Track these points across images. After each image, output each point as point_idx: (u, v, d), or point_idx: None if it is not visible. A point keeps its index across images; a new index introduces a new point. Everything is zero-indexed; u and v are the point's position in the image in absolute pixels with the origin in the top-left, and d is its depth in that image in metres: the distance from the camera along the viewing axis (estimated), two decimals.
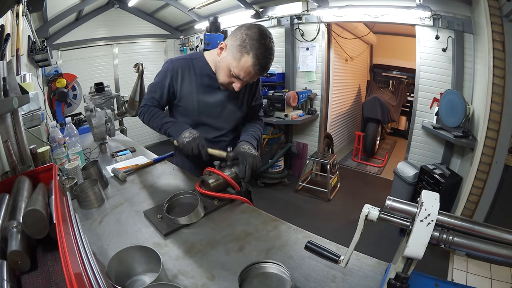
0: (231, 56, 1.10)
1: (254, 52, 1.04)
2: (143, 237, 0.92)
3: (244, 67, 1.08)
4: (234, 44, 1.08)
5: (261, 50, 1.04)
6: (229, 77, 1.15)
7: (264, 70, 1.09)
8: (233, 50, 1.08)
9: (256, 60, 1.05)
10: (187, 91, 1.25)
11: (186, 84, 1.25)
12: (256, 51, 1.04)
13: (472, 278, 2.09)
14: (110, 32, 4.63)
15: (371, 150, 4.82)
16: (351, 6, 3.04)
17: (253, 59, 1.05)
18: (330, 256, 0.67)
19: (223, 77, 1.17)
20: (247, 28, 1.07)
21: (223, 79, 1.17)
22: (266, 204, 3.24)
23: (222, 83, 1.20)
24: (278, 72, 3.74)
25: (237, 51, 1.07)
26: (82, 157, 1.44)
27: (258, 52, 1.04)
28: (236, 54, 1.08)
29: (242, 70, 1.09)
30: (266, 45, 1.05)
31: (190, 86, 1.25)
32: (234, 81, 1.15)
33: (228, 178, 1.11)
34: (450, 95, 2.54)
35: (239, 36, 1.07)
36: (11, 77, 1.05)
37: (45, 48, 2.41)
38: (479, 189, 2.13)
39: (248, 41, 1.04)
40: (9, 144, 0.99)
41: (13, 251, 0.62)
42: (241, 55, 1.06)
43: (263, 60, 1.06)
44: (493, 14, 1.97)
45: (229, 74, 1.13)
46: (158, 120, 1.25)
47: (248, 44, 1.04)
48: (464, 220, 0.55)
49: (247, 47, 1.05)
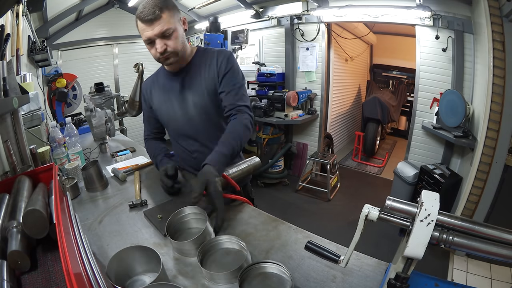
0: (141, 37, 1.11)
1: (137, 13, 1.05)
2: (143, 237, 0.92)
3: (140, 30, 1.07)
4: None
5: (140, 7, 1.05)
6: (150, 49, 1.11)
7: (150, 14, 1.02)
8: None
9: (139, 15, 1.04)
10: (157, 104, 1.29)
11: (155, 97, 1.29)
12: (138, 11, 1.05)
13: (472, 278, 2.09)
14: (110, 32, 4.62)
15: (371, 150, 4.82)
16: (351, 6, 3.04)
17: (138, 16, 1.05)
18: (330, 256, 0.67)
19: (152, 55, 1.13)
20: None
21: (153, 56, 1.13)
22: (266, 204, 3.24)
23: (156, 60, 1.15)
24: (278, 72, 3.74)
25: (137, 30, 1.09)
26: (82, 157, 1.44)
27: (138, 11, 1.05)
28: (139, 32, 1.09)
29: (141, 32, 1.07)
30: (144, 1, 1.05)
31: (158, 99, 1.29)
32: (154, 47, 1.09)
33: (228, 178, 1.11)
34: (450, 95, 2.54)
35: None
36: (11, 77, 1.05)
37: (45, 48, 2.41)
38: (479, 189, 2.13)
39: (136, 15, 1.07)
40: (9, 144, 0.99)
41: (13, 251, 0.62)
42: (137, 26, 1.08)
43: (143, 9, 1.03)
44: (493, 14, 1.97)
45: (148, 47, 1.11)
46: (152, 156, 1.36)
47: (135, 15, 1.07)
48: (464, 220, 0.55)
49: (136, 17, 1.06)
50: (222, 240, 0.85)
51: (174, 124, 1.28)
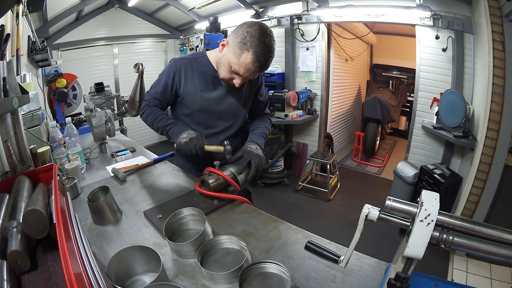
0: (232, 52, 1.12)
1: (254, 49, 1.06)
2: (143, 237, 0.92)
3: (244, 63, 1.10)
4: (235, 41, 1.10)
5: (261, 48, 1.06)
6: (229, 73, 1.17)
7: (264, 67, 1.12)
8: (234, 46, 1.11)
9: (256, 57, 1.07)
10: (190, 89, 1.27)
11: (189, 82, 1.27)
12: (256, 49, 1.06)
13: (472, 278, 2.09)
14: (110, 32, 4.63)
15: (371, 150, 4.82)
16: (351, 6, 3.04)
17: (253, 56, 1.07)
18: (330, 256, 0.67)
19: (224, 73, 1.19)
20: (248, 26, 1.09)
21: (224, 75, 1.20)
22: (266, 204, 3.24)
23: (223, 78, 1.23)
24: (278, 72, 3.74)
25: (237, 48, 1.09)
26: (82, 157, 1.44)
27: (258, 50, 1.06)
28: (236, 51, 1.10)
29: (242, 66, 1.11)
30: (266, 43, 1.07)
31: (193, 84, 1.27)
32: (235, 77, 1.18)
33: (228, 178, 1.11)
34: (450, 95, 2.54)
35: (240, 33, 1.09)
36: (11, 77, 1.05)
37: (45, 48, 2.41)
38: (479, 189, 2.13)
39: (248, 38, 1.06)
40: (9, 144, 0.99)
41: (13, 251, 0.62)
42: (241, 52, 1.09)
43: (263, 57, 1.08)
44: (493, 14, 1.97)
45: (230, 70, 1.16)
46: (158, 122, 1.27)
47: (248, 41, 1.06)
48: (464, 220, 0.55)
49: (247, 44, 1.07)
50: (222, 240, 0.85)
51: (201, 112, 1.30)
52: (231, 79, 1.19)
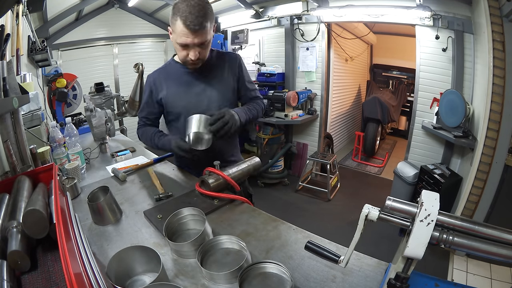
0: (173, 33, 1.13)
1: (180, 14, 1.05)
2: (143, 237, 0.92)
3: (180, 32, 1.08)
4: (170, 20, 1.11)
5: (185, 9, 1.04)
6: (181, 51, 1.15)
7: (198, 24, 1.05)
8: (171, 26, 1.12)
9: (184, 19, 1.04)
10: (169, 95, 1.29)
11: (166, 90, 1.29)
12: (182, 13, 1.05)
13: (472, 278, 2.09)
14: (110, 32, 4.62)
15: (371, 150, 4.82)
16: (351, 6, 3.04)
17: (181, 20, 1.05)
18: (330, 256, 0.67)
19: (179, 55, 1.18)
20: (175, 2, 1.09)
21: (180, 57, 1.19)
22: (266, 204, 3.24)
23: (182, 62, 1.22)
24: (278, 72, 3.74)
25: (171, 24, 1.10)
26: (82, 157, 1.44)
27: (183, 13, 1.04)
28: (172, 28, 1.11)
29: (179, 35, 1.09)
30: (191, 3, 1.04)
31: (170, 90, 1.29)
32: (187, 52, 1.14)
33: (228, 178, 1.11)
34: (450, 95, 2.54)
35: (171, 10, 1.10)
36: (11, 77, 1.05)
37: (45, 48, 2.41)
38: (479, 189, 2.13)
39: (175, 8, 1.07)
40: (9, 144, 0.99)
41: (13, 251, 0.62)
42: (174, 25, 1.09)
43: (190, 16, 1.04)
44: (493, 14, 1.97)
45: (179, 48, 1.14)
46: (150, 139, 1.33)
47: (175, 12, 1.07)
48: (464, 220, 0.55)
49: (175, 15, 1.07)
50: (222, 240, 0.85)
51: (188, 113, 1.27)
52: (187, 57, 1.15)
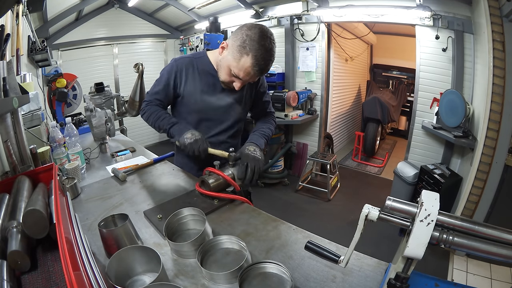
0: (231, 56, 1.11)
1: (253, 53, 1.05)
2: (143, 237, 0.92)
3: (244, 67, 1.09)
4: (234, 44, 1.09)
5: (261, 52, 1.05)
6: (229, 76, 1.17)
7: (263, 71, 1.11)
8: (234, 50, 1.10)
9: (255, 61, 1.06)
10: (190, 89, 1.27)
11: (190, 82, 1.27)
12: (256, 53, 1.05)
13: (472, 278, 2.09)
14: (110, 32, 4.63)
15: (371, 150, 4.82)
16: (351, 6, 3.04)
17: (252, 60, 1.06)
18: (330, 256, 0.67)
19: (224, 76, 1.19)
20: (248, 29, 1.08)
21: (224, 78, 1.20)
22: (266, 204, 3.24)
23: (223, 81, 1.23)
24: (278, 72, 3.74)
25: (237, 52, 1.09)
26: (82, 157, 1.44)
27: (257, 54, 1.05)
28: (236, 54, 1.09)
29: (242, 70, 1.10)
30: (266, 47, 1.06)
31: (193, 84, 1.27)
32: (235, 80, 1.17)
33: (228, 178, 1.11)
34: (450, 95, 2.54)
35: (239, 36, 1.08)
36: (11, 77, 1.05)
37: (45, 48, 2.41)
38: (479, 189, 2.13)
39: (248, 41, 1.05)
40: (9, 144, 0.99)
41: (13, 251, 0.62)
42: (241, 56, 1.08)
43: (262, 61, 1.07)
44: (493, 14, 1.97)
45: (230, 73, 1.15)
46: (161, 120, 1.26)
47: (248, 45, 1.06)
48: (464, 220, 0.55)
49: (246, 48, 1.06)
50: (222, 240, 0.85)
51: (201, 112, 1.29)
52: (231, 82, 1.19)
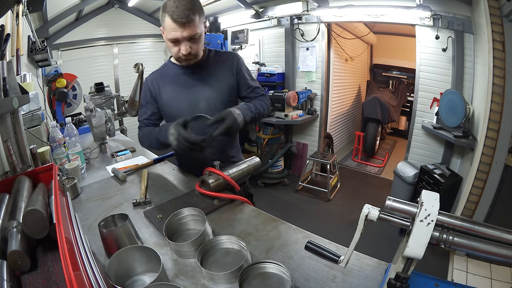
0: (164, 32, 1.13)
1: (167, 10, 1.06)
2: (143, 237, 0.92)
3: (168, 27, 1.08)
4: (160, 19, 1.12)
5: (171, 4, 1.05)
6: (173, 47, 1.15)
7: (186, 17, 1.05)
8: (161, 24, 1.12)
9: (171, 13, 1.05)
10: (168, 95, 1.28)
11: (164, 90, 1.29)
12: (169, 8, 1.05)
13: (472, 278, 2.09)
14: (110, 32, 4.62)
15: (371, 150, 4.82)
16: (351, 6, 3.04)
17: (169, 14, 1.06)
18: (330, 256, 0.67)
19: (172, 52, 1.17)
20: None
21: (173, 54, 1.18)
22: (266, 204, 3.24)
23: (176, 58, 1.21)
24: (278, 72, 3.74)
25: (161, 22, 1.11)
26: (82, 157, 1.44)
27: (170, 8, 1.05)
28: (162, 25, 1.11)
29: (169, 31, 1.09)
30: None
31: (168, 91, 1.28)
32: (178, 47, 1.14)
33: (228, 178, 1.11)
34: (450, 95, 2.54)
35: (161, 10, 1.10)
36: (11, 77, 1.05)
37: (45, 48, 2.41)
38: (479, 189, 2.13)
39: (163, 7, 1.08)
40: (9, 144, 0.99)
41: (13, 251, 0.62)
42: (164, 22, 1.09)
43: (177, 10, 1.04)
44: (493, 14, 1.97)
45: (171, 45, 1.14)
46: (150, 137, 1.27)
47: (163, 9, 1.07)
48: (464, 220, 0.55)
49: (163, 12, 1.08)
50: (222, 240, 0.85)
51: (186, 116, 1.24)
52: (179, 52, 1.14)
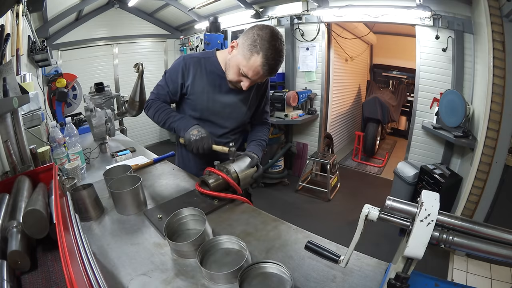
0: (241, 54, 1.12)
1: (264, 52, 1.06)
2: (143, 237, 0.92)
3: (253, 66, 1.10)
4: (245, 43, 1.10)
5: (271, 51, 1.06)
6: (238, 76, 1.17)
7: (273, 71, 1.11)
8: (244, 49, 1.10)
9: (265, 60, 1.07)
10: (198, 88, 1.27)
11: (197, 81, 1.27)
12: (266, 52, 1.06)
13: (472, 278, 2.09)
14: (110, 32, 4.62)
15: (371, 150, 4.82)
16: (351, 6, 3.04)
17: (263, 59, 1.07)
18: (330, 256, 0.67)
19: (232, 75, 1.19)
20: (259, 29, 1.09)
21: (232, 77, 1.19)
22: (266, 204, 3.24)
23: (230, 80, 1.22)
24: (278, 72, 3.73)
25: (247, 50, 1.09)
26: (82, 157, 1.44)
27: (268, 53, 1.06)
28: (246, 53, 1.10)
29: (251, 69, 1.11)
30: (277, 47, 1.07)
31: (201, 84, 1.27)
32: (243, 80, 1.17)
33: (228, 178, 1.11)
34: (450, 95, 2.54)
35: (250, 36, 1.09)
36: (11, 77, 1.05)
37: (45, 48, 2.41)
38: (479, 189, 2.13)
39: (259, 41, 1.06)
40: (9, 144, 0.99)
41: (13, 251, 0.62)
42: (251, 54, 1.08)
43: (272, 61, 1.08)
44: (493, 14, 1.97)
45: (238, 72, 1.15)
46: (165, 114, 1.26)
47: (258, 44, 1.06)
48: (464, 220, 0.55)
49: (257, 47, 1.07)
50: (222, 240, 0.85)
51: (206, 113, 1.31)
52: (238, 82, 1.19)
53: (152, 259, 0.82)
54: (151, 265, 0.79)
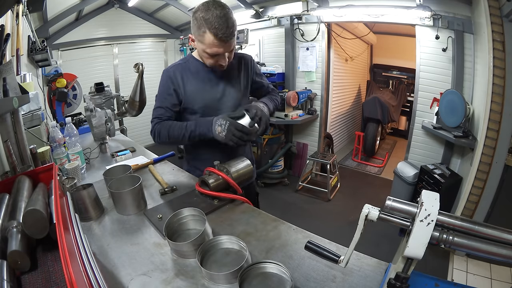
0: (198, 41, 1.16)
1: (208, 28, 1.08)
2: (143, 237, 0.92)
3: (210, 45, 1.12)
4: (195, 32, 1.14)
5: (214, 21, 1.07)
6: (209, 59, 1.19)
7: (229, 36, 1.11)
8: (196, 36, 1.15)
9: (215, 31, 1.08)
10: (190, 88, 1.29)
11: (187, 83, 1.28)
12: (210, 25, 1.07)
13: (472, 278, 2.09)
14: (110, 32, 4.62)
15: (371, 150, 4.82)
16: (351, 6, 3.04)
17: (212, 31, 1.08)
18: (330, 256, 0.67)
19: (207, 61, 1.22)
20: (194, 12, 1.12)
21: (209, 63, 1.22)
22: (266, 204, 3.23)
23: (210, 66, 1.24)
24: (278, 72, 3.74)
25: (198, 35, 1.13)
26: (82, 157, 1.44)
27: (212, 26, 1.07)
28: (200, 38, 1.13)
29: (210, 47, 1.13)
30: (216, 14, 1.07)
31: (191, 85, 1.28)
32: (217, 60, 1.19)
33: (228, 178, 1.11)
34: (450, 95, 2.54)
35: (194, 23, 1.12)
36: (11, 77, 1.05)
37: (45, 48, 2.41)
38: (479, 189, 2.13)
39: (201, 21, 1.09)
40: (9, 144, 0.99)
41: (13, 251, 0.62)
42: (202, 37, 1.11)
43: (221, 28, 1.07)
44: (493, 14, 1.97)
45: (208, 56, 1.18)
46: (178, 128, 1.22)
47: (201, 24, 1.09)
48: (464, 220, 0.55)
49: (201, 27, 1.09)
50: (222, 240, 0.85)
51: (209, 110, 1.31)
52: (216, 63, 1.20)
53: (152, 259, 0.82)
54: (151, 265, 0.80)
